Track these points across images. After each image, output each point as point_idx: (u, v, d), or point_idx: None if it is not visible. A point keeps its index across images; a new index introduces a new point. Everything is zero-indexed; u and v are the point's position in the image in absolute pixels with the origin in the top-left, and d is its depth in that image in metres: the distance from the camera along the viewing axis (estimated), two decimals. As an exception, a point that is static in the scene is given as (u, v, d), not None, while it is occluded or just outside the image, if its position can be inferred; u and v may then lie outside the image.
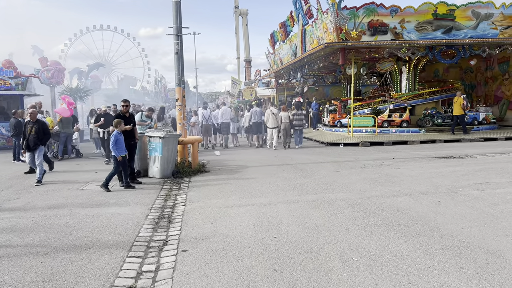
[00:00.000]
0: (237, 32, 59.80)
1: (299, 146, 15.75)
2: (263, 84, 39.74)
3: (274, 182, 8.63)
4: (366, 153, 13.43)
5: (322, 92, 30.81)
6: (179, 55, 10.53)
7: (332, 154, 13.44)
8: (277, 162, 11.94)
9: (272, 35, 26.35)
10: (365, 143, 15.43)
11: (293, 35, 21.86)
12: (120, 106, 9.23)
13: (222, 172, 10.32)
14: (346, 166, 10.66)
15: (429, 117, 17.16)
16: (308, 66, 21.18)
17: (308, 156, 12.97)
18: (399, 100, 18.05)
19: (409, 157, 12.02)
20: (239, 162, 12.10)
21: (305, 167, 10.62)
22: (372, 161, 11.42)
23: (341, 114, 20.01)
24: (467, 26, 16.09)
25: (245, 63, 59.91)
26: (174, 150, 9.84)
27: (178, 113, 10.69)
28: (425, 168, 9.75)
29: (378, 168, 10.06)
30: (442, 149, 13.75)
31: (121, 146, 8.36)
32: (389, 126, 17.51)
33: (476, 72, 21.43)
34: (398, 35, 16.00)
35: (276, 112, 15.67)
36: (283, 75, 27.51)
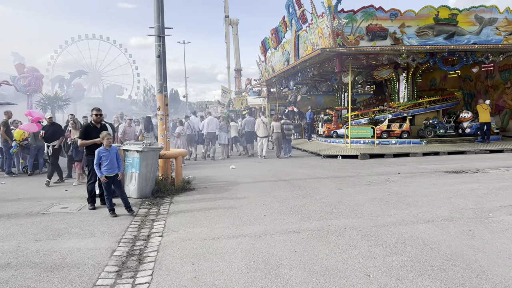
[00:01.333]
0: (228, 41, 59.24)
1: (288, 156, 15.73)
2: (254, 93, 38.71)
3: (269, 204, 7.44)
4: (367, 166, 12.34)
5: (315, 101, 29.84)
6: (161, 59, 9.36)
7: (330, 167, 12.32)
8: (271, 177, 10.77)
9: (263, 42, 25.37)
10: (365, 156, 14.36)
11: (286, 41, 20.88)
12: (90, 116, 7.99)
13: (209, 190, 9.11)
14: (348, 182, 9.53)
15: (430, 128, 16.19)
16: (301, 74, 20.17)
17: (305, 170, 11.83)
18: (398, 109, 17.08)
19: (415, 171, 10.95)
20: (229, 177, 10.90)
21: (303, 184, 9.46)
22: (376, 176, 10.31)
23: (336, 124, 18.97)
24: (470, 31, 15.24)
25: (235, 72, 59.11)
26: (154, 165, 8.61)
27: (160, 123, 9.48)
28: (438, 186, 8.66)
29: (385, 185, 8.94)
30: (448, 162, 12.73)
31: (110, 164, 7.03)
32: (388, 137, 16.49)
33: (475, 80, 20.64)
34: (398, 40, 15.07)
35: (266, 121, 15.53)
36: (274, 84, 26.49)
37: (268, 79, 24.71)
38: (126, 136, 12.40)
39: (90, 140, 7.50)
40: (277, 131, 15.35)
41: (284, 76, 22.77)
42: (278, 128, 15.34)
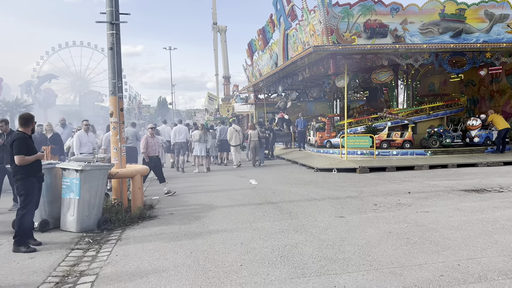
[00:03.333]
0: (216, 48, 57.89)
1: (262, 165, 15.63)
2: (241, 100, 36.88)
3: (249, 242, 5.49)
4: (368, 183, 10.48)
5: (305, 108, 28.11)
6: (114, 52, 7.41)
7: (326, 184, 10.43)
8: (254, 198, 8.82)
9: (249, 45, 23.57)
10: (364, 169, 12.52)
11: (274, 42, 19.10)
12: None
13: (174, 219, 7.12)
14: (350, 206, 7.63)
15: (435, 137, 14.45)
16: (291, 78, 18.36)
17: (296, 188, 9.92)
18: (399, 116, 15.33)
19: (428, 190, 9.12)
20: (203, 198, 8.92)
21: (294, 209, 7.54)
22: (382, 197, 8.44)
23: (330, 132, 17.16)
24: (479, 29, 13.62)
25: (224, 80, 57.51)
26: (100, 188, 6.60)
27: (113, 132, 7.48)
28: (465, 212, 6.82)
29: (398, 211, 7.07)
30: (462, 177, 10.96)
31: None
32: (388, 147, 14.70)
33: (479, 85, 19.07)
34: (399, 38, 13.36)
35: (239, 129, 15.38)
36: (262, 89, 24.66)
37: (255, 84, 22.87)
38: (150, 150, 10.13)
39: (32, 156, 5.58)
40: (254, 139, 15.14)
41: (272, 80, 20.94)
42: (255, 137, 15.15)
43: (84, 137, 10.19)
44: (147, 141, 9.79)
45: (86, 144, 10.27)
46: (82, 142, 10.14)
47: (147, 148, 9.72)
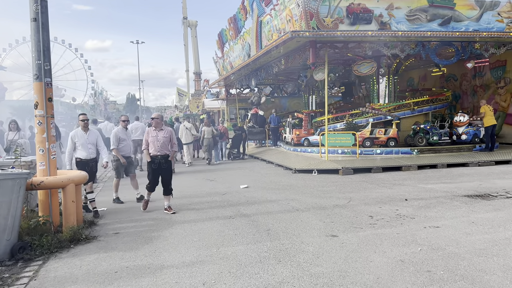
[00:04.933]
0: (186, 44, 55.96)
1: (218, 162, 15.45)
2: (212, 95, 35.17)
3: (216, 283, 3.96)
4: (356, 187, 9.15)
5: (279, 104, 26.71)
6: (38, 24, 5.66)
7: (307, 189, 9.02)
8: (224, 208, 7.28)
9: (220, 35, 21.90)
10: (347, 170, 11.20)
11: (246, 31, 17.54)
12: None
13: (118, 241, 5.48)
14: (341, 219, 6.22)
15: (422, 134, 13.33)
16: (265, 71, 16.88)
17: (273, 194, 8.44)
18: (383, 111, 14.14)
19: (426, 196, 7.85)
20: (161, 210, 7.29)
21: (273, 224, 6.05)
22: (377, 206, 7.09)
23: (307, 129, 15.81)
24: (468, 17, 12.57)
25: (194, 76, 55.54)
26: (15, 204, 4.88)
27: (38, 130, 5.73)
28: (483, 227, 5.54)
29: (401, 226, 5.71)
30: (457, 179, 9.81)
31: None
32: (372, 146, 13.48)
33: (461, 79, 18.22)
34: (385, 25, 12.11)
35: (190, 126, 14.91)
36: (234, 83, 23.07)
37: (226, 77, 21.25)
38: (122, 147, 8.27)
39: None
40: (208, 137, 14.84)
41: (244, 73, 19.40)
42: (209, 134, 14.86)
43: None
44: (119, 136, 8.15)
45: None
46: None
47: (119, 144, 8.14)
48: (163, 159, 7.19)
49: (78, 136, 7.32)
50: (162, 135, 7.24)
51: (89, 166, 7.27)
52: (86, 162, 7.26)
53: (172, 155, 7.38)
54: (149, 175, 7.27)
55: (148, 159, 7.25)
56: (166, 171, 7.27)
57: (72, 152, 7.31)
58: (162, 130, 7.30)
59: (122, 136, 8.27)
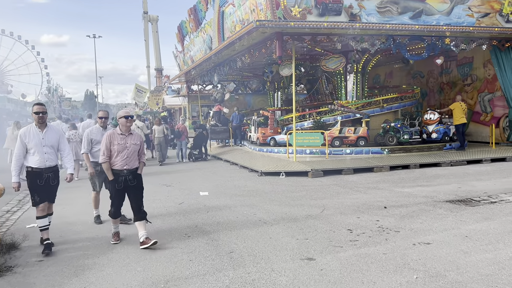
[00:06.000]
0: (147, 39, 53.95)
1: (178, 161, 15.09)
2: (173, 92, 33.66)
3: None
4: (327, 192, 8.31)
5: (243, 101, 25.76)
6: None
7: (276, 195, 8.08)
8: (179, 222, 6.20)
9: (179, 28, 20.59)
10: (317, 172, 10.38)
11: (207, 23, 16.40)
12: None
13: (39, 275, 4.30)
14: (317, 235, 5.31)
15: (392, 133, 12.76)
16: (228, 65, 15.82)
17: (238, 203, 7.43)
18: (352, 109, 13.47)
19: (406, 202, 7.12)
20: (103, 225, 6.11)
21: (236, 244, 5.05)
22: (354, 215, 6.25)
23: (274, 128, 14.92)
24: (439, 10, 12.08)
25: (156, 72, 53.60)
26: None
27: None
28: (479, 242, 4.80)
29: (386, 244, 4.88)
30: (433, 181, 9.22)
31: None
32: (341, 145, 12.77)
33: (428, 77, 17.96)
34: (355, 17, 11.38)
35: (141, 125, 14.71)
36: (195, 79, 21.82)
37: (187, 72, 19.99)
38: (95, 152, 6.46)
39: None
40: (159, 136, 14.30)
41: (206, 68, 18.25)
42: (160, 133, 14.30)
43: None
44: (91, 138, 6.37)
45: None
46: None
47: (92, 148, 6.40)
48: (131, 174, 5.27)
49: (31, 135, 5.17)
50: (132, 142, 5.28)
51: (44, 179, 5.18)
52: (40, 173, 5.15)
53: (141, 168, 5.49)
54: (112, 196, 5.37)
55: (110, 177, 5.23)
56: (136, 190, 5.35)
57: (21, 158, 5.19)
58: (132, 134, 5.36)
59: (97, 138, 6.24)
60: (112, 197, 5.37)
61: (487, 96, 14.89)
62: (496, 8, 12.37)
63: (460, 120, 12.79)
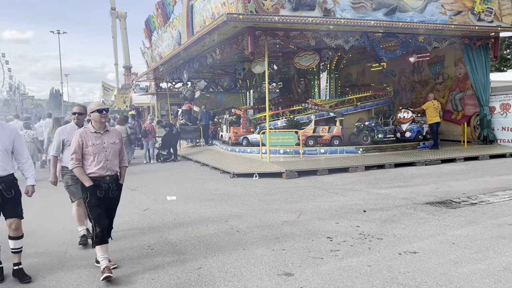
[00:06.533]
0: (115, 36, 52.30)
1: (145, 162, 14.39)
2: (141, 89, 32.57)
3: None
4: (303, 194, 7.89)
5: (215, 100, 25.19)
6: None
7: (249, 198, 7.57)
8: (142, 232, 5.59)
9: (147, 23, 19.70)
10: (292, 173, 9.96)
11: (176, 17, 15.66)
12: None
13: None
14: (295, 245, 4.85)
15: (366, 132, 12.52)
16: (197, 62, 15.18)
17: (208, 208, 6.87)
18: (326, 107, 13.15)
19: (385, 205, 6.78)
20: (56, 236, 5.42)
21: (205, 257, 4.52)
22: (333, 221, 5.84)
23: (246, 127, 14.42)
24: (413, 7, 11.92)
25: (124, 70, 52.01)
26: None
27: None
28: (468, 250, 4.48)
29: (369, 254, 4.48)
30: (409, 181, 8.98)
31: None
32: (315, 144, 12.42)
33: (400, 75, 17.94)
34: (329, 12, 11.03)
35: None
36: (164, 76, 21.01)
37: (155, 69, 19.19)
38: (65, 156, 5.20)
39: None
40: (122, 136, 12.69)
41: (175, 64, 17.53)
42: (123, 133, 13.37)
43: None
44: (63, 139, 5.24)
45: None
46: None
47: (64, 150, 5.21)
48: (114, 182, 4.32)
49: None
50: (110, 141, 4.32)
51: None
52: None
53: (123, 176, 4.51)
54: (93, 213, 4.16)
55: (88, 181, 4.15)
56: (114, 203, 4.44)
57: None
58: (108, 132, 4.37)
59: (70, 138, 4.82)
60: (94, 213, 4.13)
61: (458, 95, 14.95)
62: (468, 6, 12.34)
63: (433, 120, 12.71)
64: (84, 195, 4.24)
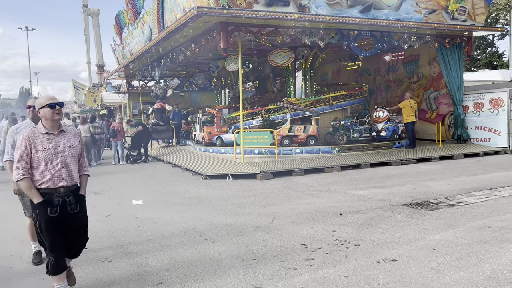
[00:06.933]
0: (87, 33, 50.83)
1: (97, 163, 14.09)
2: (113, 88, 31.57)
3: None
4: (278, 196, 7.54)
5: (189, 98, 24.66)
6: None
7: (220, 202, 7.16)
8: (102, 241, 5.11)
9: (117, 19, 18.95)
10: (266, 174, 9.61)
11: (146, 12, 15.05)
12: None
13: None
14: (267, 253, 4.48)
15: (342, 131, 12.31)
16: (169, 59, 14.63)
17: (176, 214, 6.43)
18: (301, 106, 12.87)
19: (362, 207, 6.51)
20: (5, 246, 4.87)
21: (168, 270, 4.10)
22: (308, 225, 5.50)
23: (220, 127, 13.98)
24: (388, 5, 11.77)
25: (97, 68, 50.54)
26: None
27: None
28: (450, 256, 4.22)
29: (346, 262, 4.16)
30: (385, 181, 8.78)
31: None
32: (291, 144, 12.12)
33: (375, 74, 17.90)
34: (304, 8, 10.73)
35: (70, 124, 13.93)
36: (136, 74, 20.29)
37: (126, 66, 18.47)
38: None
39: None
40: (84, 136, 13.15)
41: (146, 62, 16.90)
42: (85, 132, 13.26)
43: None
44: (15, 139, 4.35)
45: None
46: None
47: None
48: (71, 195, 3.53)
49: None
50: (66, 144, 3.51)
51: None
52: None
53: (85, 186, 3.77)
54: (45, 236, 3.40)
55: (37, 197, 3.36)
56: (78, 221, 3.60)
57: None
58: (64, 132, 3.56)
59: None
60: (47, 238, 3.37)
61: (432, 94, 14.97)
62: (442, 4, 12.31)
63: (409, 119, 12.64)
64: (33, 214, 3.41)
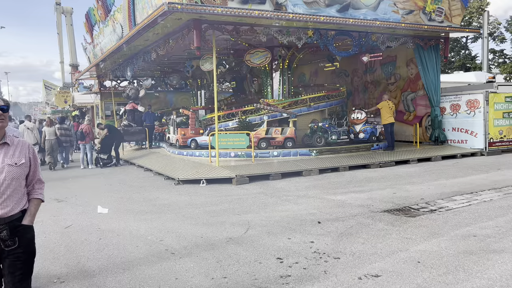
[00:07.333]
0: (60, 32, 49.09)
1: (66, 166, 13.87)
2: (85, 88, 30.52)
3: None
4: (254, 202, 7.15)
5: (165, 99, 24.01)
6: None
7: (192, 210, 6.71)
8: (57, 257, 4.59)
9: (87, 16, 18.14)
10: (242, 179, 9.20)
11: (117, 9, 14.39)
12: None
13: None
14: (239, 270, 4.09)
15: (320, 133, 12.03)
16: (141, 57, 14.03)
17: (142, 223, 5.94)
18: (279, 108, 12.52)
19: (341, 214, 6.18)
20: None
21: (127, 295, 3.64)
22: (284, 236, 5.13)
23: (195, 129, 13.48)
24: (366, 5, 11.55)
25: (71, 68, 48.95)
26: None
27: None
28: (435, 269, 3.92)
29: (326, 280, 3.81)
30: (364, 185, 8.51)
31: None
32: (268, 147, 11.76)
33: (352, 76, 17.75)
34: (280, 6, 10.38)
35: (32, 126, 13.26)
36: (107, 74, 19.53)
37: (97, 65, 17.70)
38: None
39: None
40: (50, 138, 12.92)
41: (118, 61, 16.23)
42: (51, 135, 12.95)
43: None
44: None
45: None
46: None
47: None
48: (7, 228, 2.67)
49: None
50: (7, 161, 2.69)
51: None
52: None
53: (33, 213, 2.91)
54: None
55: None
56: (17, 261, 2.72)
57: None
58: (7, 145, 2.74)
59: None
60: None
61: (410, 95, 14.90)
62: (420, 5, 12.20)
63: (388, 120, 12.48)
64: None
